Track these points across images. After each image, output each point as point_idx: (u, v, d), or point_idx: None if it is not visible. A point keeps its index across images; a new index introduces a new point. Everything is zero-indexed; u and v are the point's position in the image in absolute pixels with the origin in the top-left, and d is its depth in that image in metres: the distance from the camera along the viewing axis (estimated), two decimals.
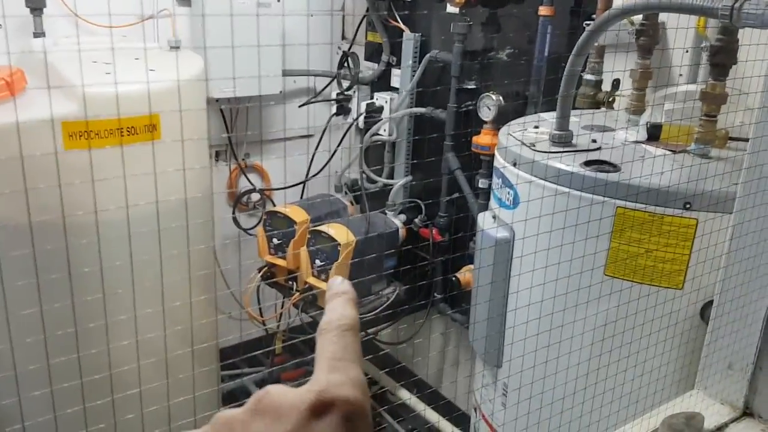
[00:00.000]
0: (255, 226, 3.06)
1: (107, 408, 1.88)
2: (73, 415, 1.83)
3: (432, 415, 2.90)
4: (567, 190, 1.46)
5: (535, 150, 1.56)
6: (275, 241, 2.79)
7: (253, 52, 2.77)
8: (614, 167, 1.45)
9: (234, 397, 3.06)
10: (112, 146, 2.07)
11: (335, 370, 0.40)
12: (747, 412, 1.14)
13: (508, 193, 1.61)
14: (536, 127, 1.74)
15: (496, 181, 1.70)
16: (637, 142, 1.62)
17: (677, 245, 1.38)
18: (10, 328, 1.91)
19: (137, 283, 2.06)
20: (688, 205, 1.36)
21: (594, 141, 1.60)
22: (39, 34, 2.39)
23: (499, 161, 1.68)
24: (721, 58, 1.44)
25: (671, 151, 1.56)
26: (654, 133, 1.61)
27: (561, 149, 1.54)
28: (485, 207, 1.92)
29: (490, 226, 1.67)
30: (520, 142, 1.60)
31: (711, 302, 1.22)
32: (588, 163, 1.47)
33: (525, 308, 1.60)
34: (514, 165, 1.58)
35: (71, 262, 1.97)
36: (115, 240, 2.06)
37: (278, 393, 0.39)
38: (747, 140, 1.10)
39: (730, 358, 1.14)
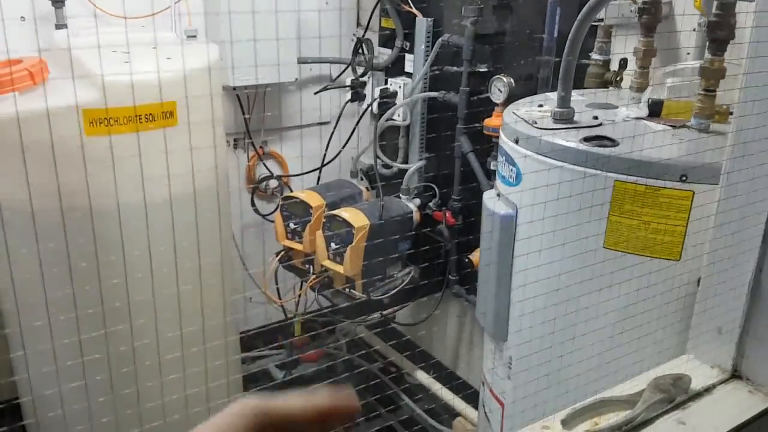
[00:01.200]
0: (273, 212, 3.12)
1: (133, 387, 1.97)
2: (104, 397, 1.92)
3: (447, 395, 2.94)
4: (566, 165, 1.49)
5: (536, 127, 1.59)
6: (292, 225, 2.86)
7: (270, 42, 2.84)
8: (613, 142, 1.48)
9: (256, 380, 3.14)
10: (131, 132, 2.15)
11: None
12: (735, 375, 1.17)
13: (511, 170, 1.65)
14: (541, 105, 1.77)
15: (500, 159, 1.74)
16: (638, 118, 1.65)
17: (674, 217, 1.41)
18: (44, 306, 1.99)
19: (159, 267, 2.15)
20: (684, 178, 1.39)
21: (595, 118, 1.63)
22: (61, 25, 2.47)
23: (502, 139, 1.72)
24: (718, 33, 1.46)
25: (672, 126, 1.58)
26: (655, 110, 1.63)
27: (562, 126, 1.57)
28: None
29: (494, 203, 1.71)
30: (522, 119, 1.63)
31: None
32: (587, 139, 1.50)
33: (529, 282, 1.64)
34: (516, 142, 1.61)
35: (95, 245, 2.06)
36: (136, 224, 2.14)
37: None
38: None
39: (719, 323, 1.17)
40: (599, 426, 1.03)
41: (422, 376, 3.11)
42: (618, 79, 2.06)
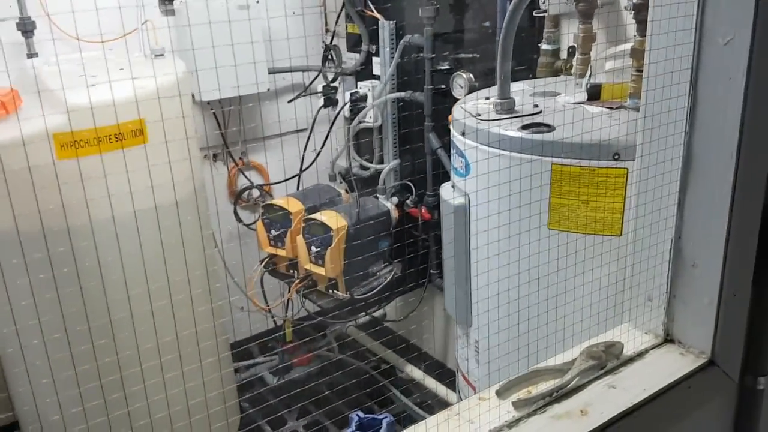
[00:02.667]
0: (256, 221, 3.19)
1: (126, 402, 2.03)
2: (94, 411, 1.98)
3: (440, 389, 3.00)
4: (507, 153, 1.55)
5: (479, 119, 1.65)
6: (274, 232, 2.92)
7: (239, 54, 2.90)
8: (549, 128, 1.54)
9: (251, 386, 3.20)
10: (102, 153, 2.21)
11: None
12: (668, 339, 1.23)
13: (461, 161, 1.71)
14: (487, 98, 1.83)
15: (452, 151, 1.80)
16: (578, 103, 1.71)
17: (611, 195, 1.47)
18: (17, 327, 2.06)
19: (141, 282, 2.21)
20: (617, 156, 1.45)
21: (536, 106, 1.69)
22: (32, 55, 2.55)
23: (453, 133, 1.78)
24: (644, 13, 1.52)
25: (609, 108, 1.64)
26: (594, 93, 1.69)
27: (503, 116, 1.63)
28: None
29: (449, 193, 1.77)
30: (468, 113, 1.69)
31: None
32: (525, 127, 1.57)
33: (485, 267, 1.70)
34: (463, 134, 1.68)
35: (75, 265, 2.12)
36: (115, 241, 2.21)
37: None
38: None
39: (648, 291, 1.23)
40: (532, 394, 1.09)
41: (413, 371, 3.17)
42: (568, 66, 2.12)
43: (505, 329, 1.62)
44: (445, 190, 1.79)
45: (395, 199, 3.01)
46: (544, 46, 2.11)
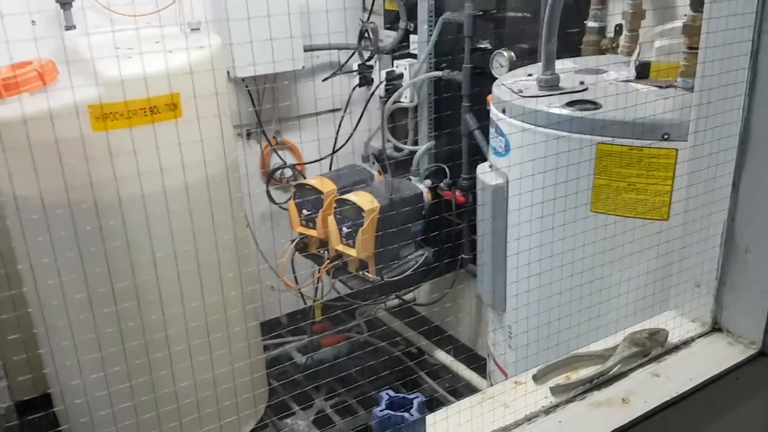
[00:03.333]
0: (288, 201, 3.17)
1: (158, 378, 2.03)
2: (126, 386, 1.99)
3: (467, 374, 2.96)
4: (551, 131, 1.49)
5: (521, 96, 1.59)
6: (305, 212, 2.89)
7: (275, 30, 2.87)
8: (595, 105, 1.48)
9: (278, 362, 3.20)
10: (136, 126, 2.20)
11: None
12: (716, 328, 1.17)
13: (500, 140, 1.65)
14: (530, 75, 1.77)
15: (491, 131, 1.75)
16: (625, 81, 1.64)
17: (659, 177, 1.41)
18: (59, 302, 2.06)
19: (172, 261, 2.19)
20: (666, 136, 1.38)
21: (581, 83, 1.62)
22: (70, 27, 2.55)
23: (492, 111, 1.72)
24: None
25: (658, 86, 1.57)
26: (642, 71, 1.62)
27: (546, 93, 1.57)
28: None
29: (486, 175, 1.72)
30: (509, 89, 1.64)
31: None
32: (570, 104, 1.50)
33: (522, 251, 1.65)
34: (503, 112, 1.62)
35: (106, 240, 2.12)
36: (145, 216, 2.20)
37: None
38: None
39: (696, 277, 1.17)
40: (571, 380, 1.04)
41: (442, 356, 3.13)
42: (614, 45, 2.04)
43: (541, 313, 1.57)
44: (483, 171, 1.74)
45: (429, 182, 2.96)
46: (590, 24, 2.03)
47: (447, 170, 2.92)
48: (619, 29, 2.07)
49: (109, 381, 2.06)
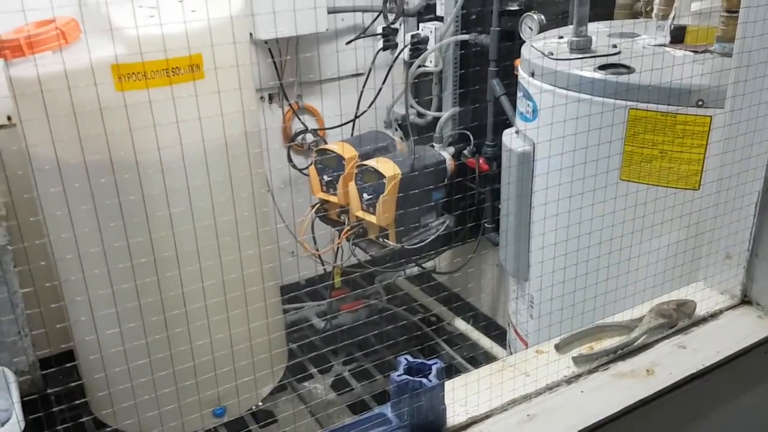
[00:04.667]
0: (308, 166, 3.15)
1: (179, 339, 2.04)
2: (143, 343, 2.00)
3: (486, 342, 2.95)
4: (582, 95, 1.45)
5: (551, 58, 1.55)
6: (326, 178, 2.87)
7: None
8: (628, 69, 1.43)
9: (296, 326, 3.22)
10: (159, 87, 2.18)
11: None
12: (745, 300, 1.13)
13: (528, 105, 1.61)
14: (561, 37, 1.72)
15: (519, 95, 1.70)
16: (659, 45, 1.58)
17: (691, 144, 1.36)
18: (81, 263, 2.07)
19: (196, 220, 2.19)
20: (700, 103, 1.33)
21: (614, 47, 1.57)
22: None
23: (520, 74, 1.68)
24: None
25: (694, 51, 1.51)
26: (677, 36, 1.56)
27: (577, 56, 1.52)
28: None
29: (512, 140, 1.68)
30: (539, 51, 1.59)
31: None
32: (603, 68, 1.46)
33: (547, 219, 1.61)
34: (532, 75, 1.57)
35: (128, 199, 2.11)
36: (167, 177, 2.19)
37: None
38: None
39: (728, 248, 1.13)
40: (594, 350, 1.02)
41: (461, 324, 3.12)
42: (648, 9, 1.98)
43: (566, 282, 1.54)
44: (508, 137, 1.70)
45: (451, 149, 2.91)
46: None
47: (471, 137, 2.88)
48: None
49: (126, 338, 2.09)
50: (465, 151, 2.89)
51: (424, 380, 0.85)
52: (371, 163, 2.69)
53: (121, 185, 2.04)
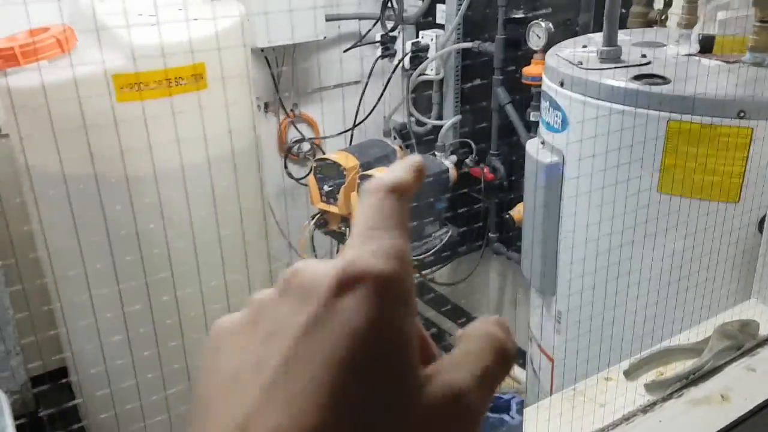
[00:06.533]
0: (306, 176, 3.08)
1: (177, 354, 1.95)
2: (146, 359, 1.92)
3: None
4: (616, 106, 1.42)
5: (582, 68, 1.51)
6: (326, 188, 2.81)
7: (294, 0, 2.77)
8: (664, 80, 1.40)
9: None
10: (161, 97, 2.11)
11: (368, 240, 0.34)
12: None
13: (556, 115, 1.57)
14: (585, 46, 1.68)
15: (543, 105, 1.66)
16: (689, 55, 1.55)
17: (732, 156, 1.33)
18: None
19: (191, 233, 2.11)
20: (742, 114, 1.30)
21: (644, 56, 1.54)
22: None
23: (546, 84, 1.64)
24: None
25: (725, 62, 1.49)
26: (706, 45, 1.54)
27: (609, 65, 1.49)
28: None
29: (539, 151, 1.64)
30: (567, 61, 1.55)
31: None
32: (637, 78, 1.42)
33: (577, 233, 1.58)
34: (561, 85, 1.54)
35: (124, 213, 2.03)
36: (168, 189, 2.11)
37: (306, 270, 0.34)
38: None
39: None
40: (665, 376, 0.98)
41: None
42: (663, 18, 1.96)
43: (595, 301, 1.51)
44: (533, 147, 1.66)
45: (453, 158, 2.87)
46: None
47: (473, 146, 2.84)
48: (668, 1, 1.98)
49: (122, 357, 2.01)
50: (467, 160, 2.85)
51: (506, 417, 0.80)
52: (374, 173, 2.64)
53: (119, 198, 1.97)
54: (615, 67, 1.47)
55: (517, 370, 2.70)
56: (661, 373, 1.00)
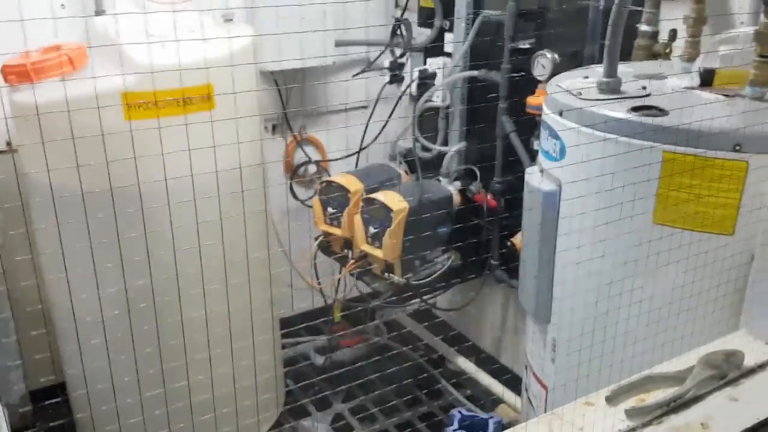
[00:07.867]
0: (311, 197, 3.10)
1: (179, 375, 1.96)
2: (148, 378, 1.92)
3: (491, 382, 2.89)
4: (613, 136, 1.43)
5: (581, 98, 1.53)
6: (330, 210, 2.83)
7: (305, 24, 2.81)
8: (662, 112, 1.41)
9: (295, 362, 3.14)
10: (169, 116, 2.14)
11: None
12: None
13: (554, 144, 1.59)
14: (586, 77, 1.71)
15: (543, 133, 1.68)
16: (689, 88, 1.57)
17: (728, 189, 1.34)
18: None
19: (196, 254, 2.13)
20: (737, 147, 1.31)
21: (643, 88, 1.56)
22: (100, 12, 2.48)
23: (545, 112, 1.66)
24: None
25: (725, 95, 1.50)
26: (707, 79, 1.55)
27: (608, 96, 1.51)
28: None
29: (537, 179, 1.65)
30: (566, 91, 1.57)
31: None
32: (635, 109, 1.44)
33: (573, 261, 1.58)
34: (560, 115, 1.55)
35: (131, 230, 2.05)
36: (173, 208, 2.13)
37: None
38: None
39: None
40: (645, 402, 0.98)
41: (463, 363, 3.07)
42: (667, 51, 1.98)
43: (595, 331, 1.51)
44: (532, 176, 1.67)
45: (458, 183, 2.89)
46: (643, 28, 1.97)
47: (477, 172, 2.86)
48: (673, 35, 2.00)
49: (122, 375, 2.01)
50: (471, 187, 2.86)
51: None
52: (377, 196, 2.65)
53: (124, 216, 1.98)
54: (613, 99, 1.49)
55: (513, 398, 2.69)
56: (642, 399, 1.00)
